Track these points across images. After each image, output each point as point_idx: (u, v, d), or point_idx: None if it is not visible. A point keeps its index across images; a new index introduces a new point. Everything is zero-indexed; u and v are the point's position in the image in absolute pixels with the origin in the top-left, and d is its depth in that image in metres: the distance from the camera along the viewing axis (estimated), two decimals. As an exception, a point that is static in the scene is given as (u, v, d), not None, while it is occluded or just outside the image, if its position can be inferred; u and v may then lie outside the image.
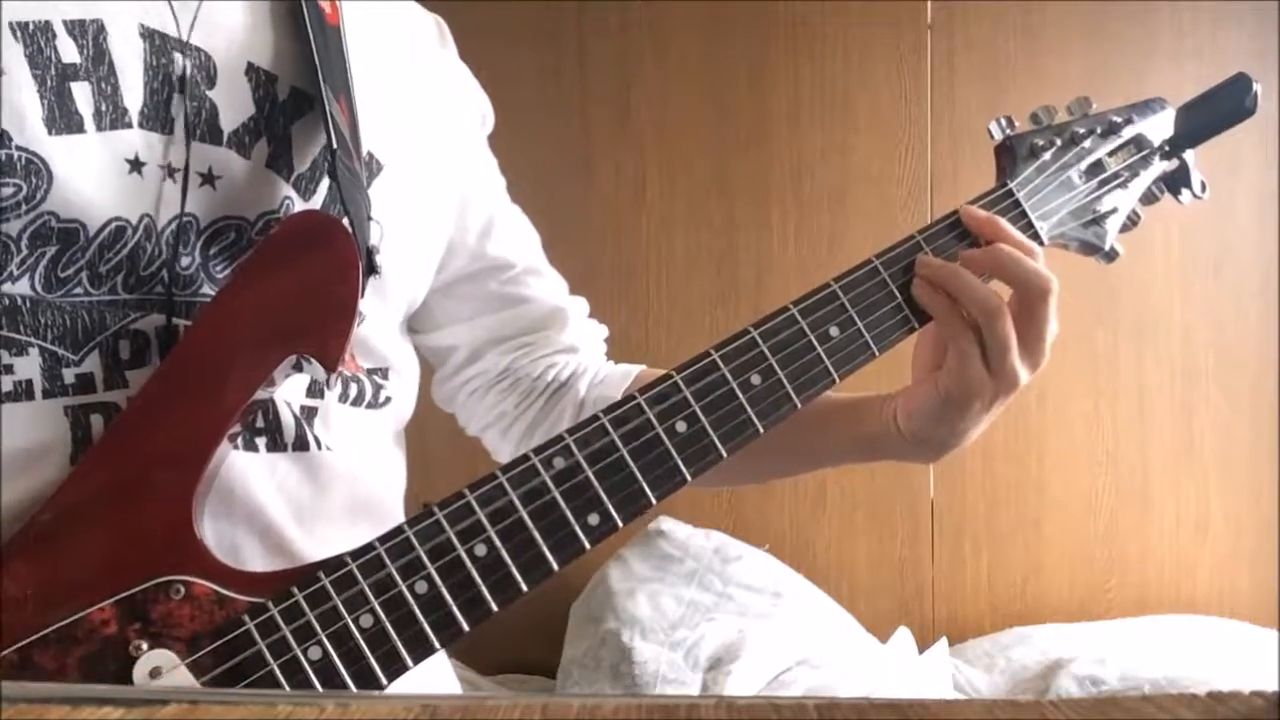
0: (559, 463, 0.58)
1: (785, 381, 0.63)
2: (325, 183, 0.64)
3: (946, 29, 2.00)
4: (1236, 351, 2.01)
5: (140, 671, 0.50)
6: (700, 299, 2.01)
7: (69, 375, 0.55)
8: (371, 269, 0.62)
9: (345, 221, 0.59)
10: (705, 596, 1.70)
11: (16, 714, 0.29)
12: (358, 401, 0.67)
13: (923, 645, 1.87)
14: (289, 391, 0.62)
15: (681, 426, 0.60)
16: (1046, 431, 2.01)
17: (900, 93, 2.01)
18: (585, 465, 0.58)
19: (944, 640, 1.89)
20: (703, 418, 0.60)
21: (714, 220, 2.01)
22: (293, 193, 0.62)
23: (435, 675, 0.69)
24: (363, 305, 0.59)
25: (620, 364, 0.87)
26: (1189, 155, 0.78)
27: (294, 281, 0.57)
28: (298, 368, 0.61)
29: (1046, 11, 1.99)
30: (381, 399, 0.69)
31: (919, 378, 0.69)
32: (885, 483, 1.98)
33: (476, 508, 0.56)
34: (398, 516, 0.70)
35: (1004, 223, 0.68)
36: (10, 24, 0.55)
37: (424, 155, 0.72)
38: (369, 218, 0.64)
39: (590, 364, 0.84)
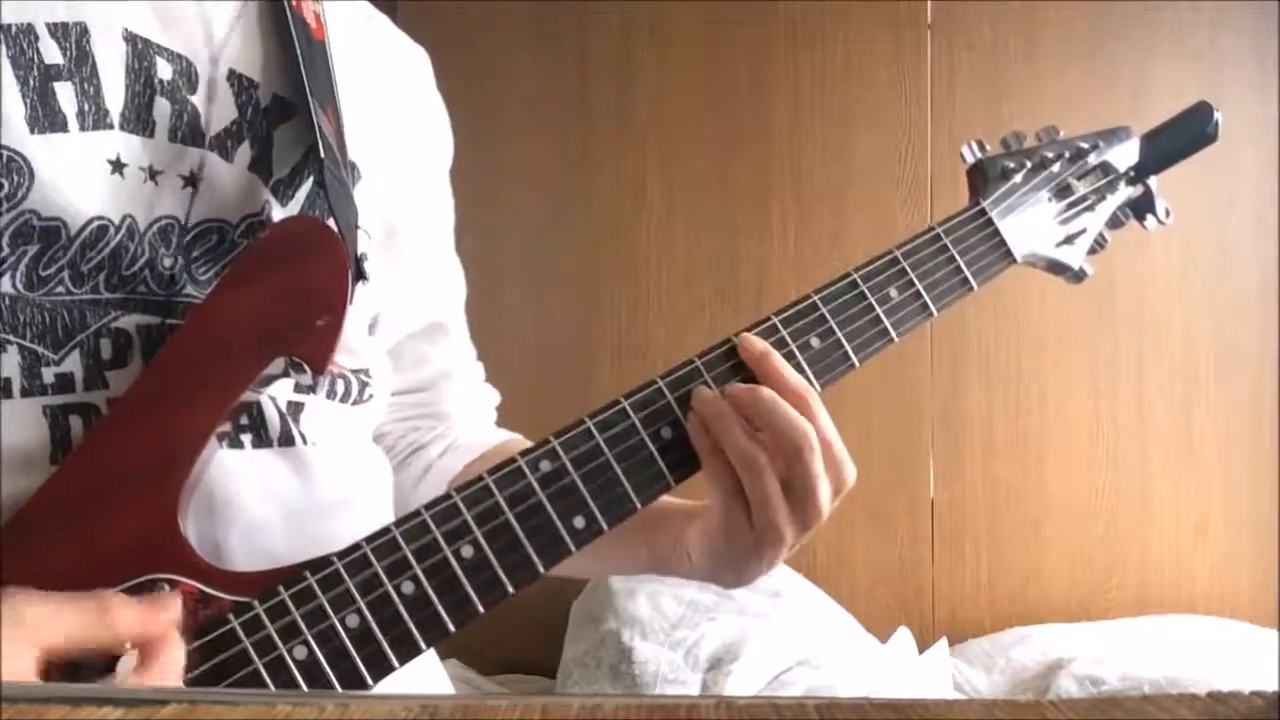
0: (545, 466, 0.58)
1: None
2: (305, 188, 0.64)
3: (946, 29, 2.00)
4: (1236, 351, 2.01)
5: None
6: (700, 299, 2.01)
7: (48, 374, 0.55)
8: (360, 275, 0.63)
9: (333, 226, 0.60)
10: (705, 596, 1.70)
11: (16, 714, 0.29)
12: (344, 398, 0.67)
13: (923, 645, 1.87)
14: (275, 388, 0.62)
15: (666, 433, 0.61)
16: (1046, 431, 2.01)
17: (900, 93, 2.01)
18: (571, 469, 0.58)
19: (944, 640, 1.89)
20: (686, 425, 0.61)
21: (714, 220, 2.01)
22: (271, 197, 0.62)
23: (427, 674, 0.69)
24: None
25: (498, 431, 0.85)
26: (1152, 181, 0.81)
27: (284, 285, 0.57)
28: (286, 373, 0.62)
29: (1046, 11, 1.99)
30: (365, 396, 0.69)
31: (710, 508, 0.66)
32: (885, 483, 1.98)
33: (463, 509, 0.56)
34: (386, 515, 0.70)
35: (777, 359, 0.63)
36: None
37: (398, 172, 0.73)
38: (356, 226, 0.64)
39: (457, 431, 0.83)
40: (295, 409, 0.63)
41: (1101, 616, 1.97)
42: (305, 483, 0.62)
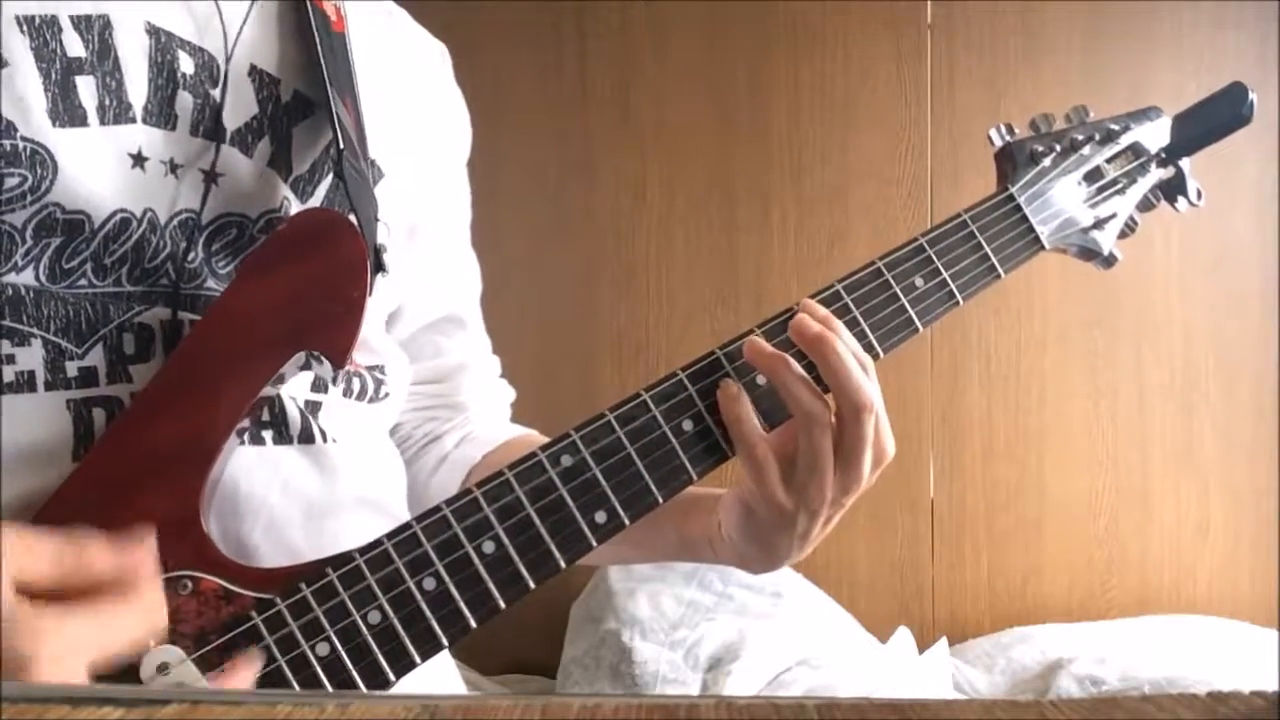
0: (566, 460, 0.58)
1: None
2: (324, 186, 0.64)
3: (946, 29, 2.00)
4: (1236, 351, 2.01)
5: (147, 666, 0.50)
6: (700, 299, 2.01)
7: (72, 368, 0.55)
8: (379, 268, 0.63)
9: (353, 219, 0.60)
10: (705, 596, 1.70)
11: (16, 714, 0.29)
12: (360, 396, 0.67)
13: (923, 645, 1.87)
14: (293, 387, 0.62)
15: (688, 425, 0.60)
16: (1046, 431, 2.01)
17: (900, 93, 2.01)
18: (592, 463, 0.58)
19: (944, 640, 1.89)
20: (708, 417, 0.61)
21: (714, 220, 2.01)
22: (290, 193, 0.63)
23: (439, 675, 0.69)
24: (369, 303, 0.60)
25: (513, 426, 0.85)
26: (1185, 163, 0.79)
27: (303, 279, 0.57)
28: (306, 365, 0.62)
29: (1046, 11, 1.99)
30: (381, 394, 0.70)
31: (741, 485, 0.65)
32: (885, 483, 1.97)
33: (484, 504, 0.56)
34: (402, 511, 0.70)
35: (840, 326, 0.62)
36: (16, 17, 0.55)
37: (418, 167, 0.73)
38: (376, 219, 0.64)
39: (473, 423, 0.83)
40: (313, 407, 0.63)
41: (1101, 616, 1.97)
42: (325, 480, 0.62)
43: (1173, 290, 2.01)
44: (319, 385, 0.64)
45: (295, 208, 0.63)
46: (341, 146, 0.61)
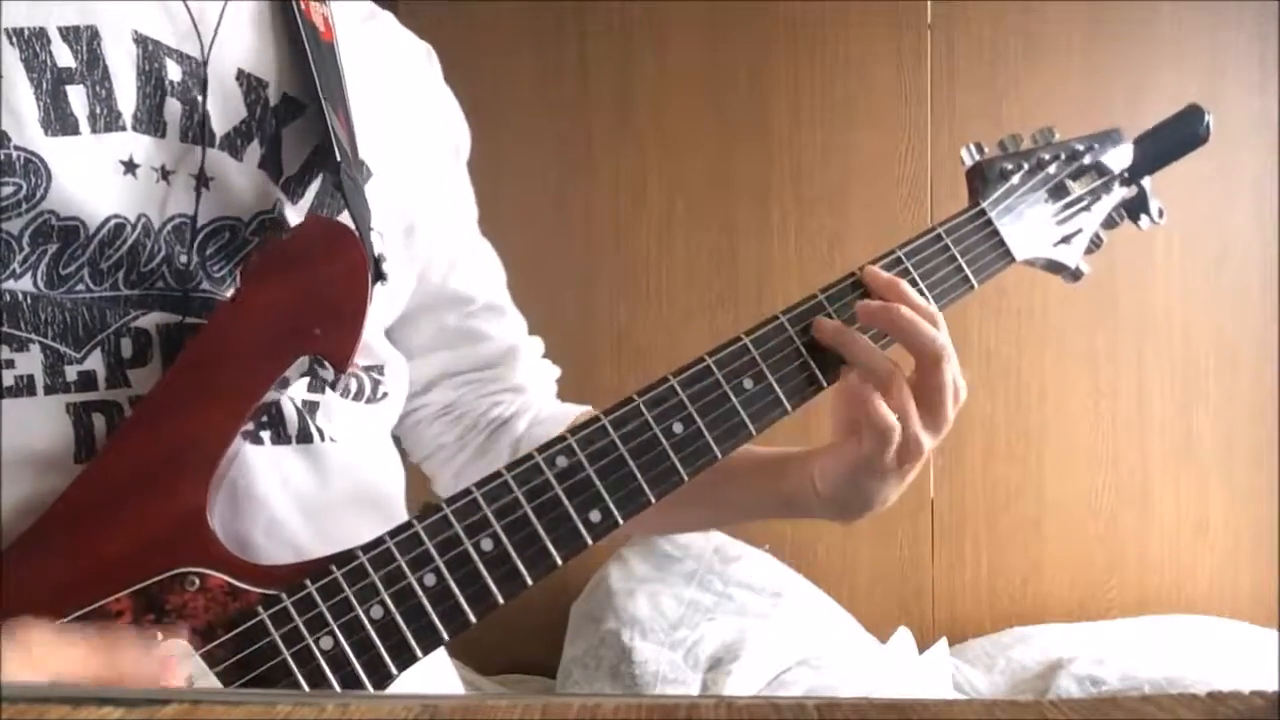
0: (561, 462, 0.60)
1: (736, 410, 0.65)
2: (315, 186, 0.65)
3: (946, 29, 2.00)
4: (1236, 351, 2.01)
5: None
6: (700, 299, 2.01)
7: (71, 372, 0.56)
8: (380, 276, 0.64)
9: (353, 227, 0.61)
10: (705, 596, 1.70)
11: (16, 714, 0.29)
12: (358, 397, 0.68)
13: (923, 645, 1.87)
14: (291, 387, 0.63)
15: (678, 428, 0.62)
16: (1046, 431, 2.01)
17: (900, 93, 2.01)
18: (586, 464, 0.60)
19: (944, 640, 1.89)
20: (698, 419, 0.63)
21: (714, 220, 2.01)
22: (282, 195, 0.63)
23: (438, 675, 0.70)
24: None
25: (570, 405, 0.87)
26: (1146, 182, 0.83)
27: (306, 285, 0.58)
28: (309, 371, 0.63)
29: (1046, 11, 1.99)
30: (380, 394, 0.71)
31: (835, 438, 0.70)
32: (885, 483, 1.98)
33: (483, 504, 0.58)
34: (400, 510, 0.71)
35: (905, 286, 0.67)
36: (5, 30, 0.56)
37: (410, 168, 0.74)
38: (370, 228, 0.65)
39: (535, 404, 0.85)
40: (311, 407, 0.64)
41: (1101, 616, 1.97)
42: (322, 479, 0.63)
43: (1173, 290, 2.01)
44: (316, 385, 0.64)
45: (287, 209, 0.63)
46: (339, 159, 0.62)
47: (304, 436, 0.63)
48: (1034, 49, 1.99)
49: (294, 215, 0.63)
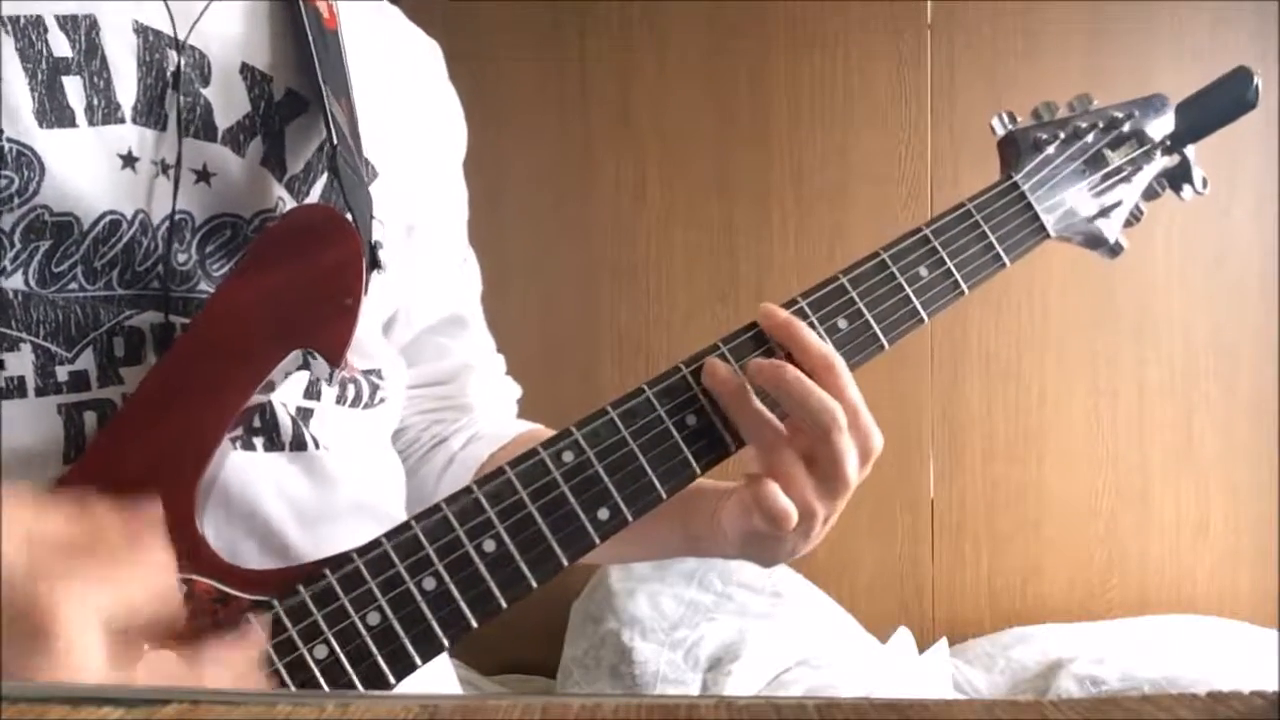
0: (568, 457, 0.57)
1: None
2: (319, 185, 0.63)
3: (946, 29, 2.00)
4: (1236, 351, 2.01)
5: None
6: (700, 299, 2.01)
7: (62, 372, 0.55)
8: (375, 264, 0.62)
9: (348, 216, 0.59)
10: (705, 596, 1.70)
11: (16, 713, 0.29)
12: (355, 403, 0.66)
13: (923, 645, 1.87)
14: (285, 394, 0.61)
15: (691, 420, 0.59)
16: (1046, 431, 2.01)
17: (900, 93, 2.01)
18: (595, 460, 0.57)
19: (944, 640, 1.89)
20: (711, 412, 0.60)
21: (714, 220, 2.01)
22: (285, 193, 0.62)
23: (436, 675, 0.69)
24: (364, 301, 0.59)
25: (519, 422, 0.84)
26: (1190, 151, 0.78)
27: (297, 275, 0.56)
28: (304, 366, 0.61)
29: (1046, 11, 1.99)
30: (377, 399, 0.69)
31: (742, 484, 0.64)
32: (885, 483, 1.98)
33: (485, 503, 0.55)
34: (398, 516, 0.69)
35: (801, 328, 0.61)
36: (2, 17, 0.55)
37: (414, 166, 0.72)
38: (371, 216, 0.64)
39: (480, 423, 0.82)
40: (305, 414, 0.62)
41: (1101, 616, 1.97)
42: (317, 487, 0.62)
43: (1173, 289, 2.01)
44: (312, 392, 0.63)
45: (290, 207, 0.62)
46: (335, 143, 0.60)
47: (298, 444, 0.61)
48: (1034, 49, 1.99)
49: None
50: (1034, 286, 1.98)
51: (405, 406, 0.78)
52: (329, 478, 0.62)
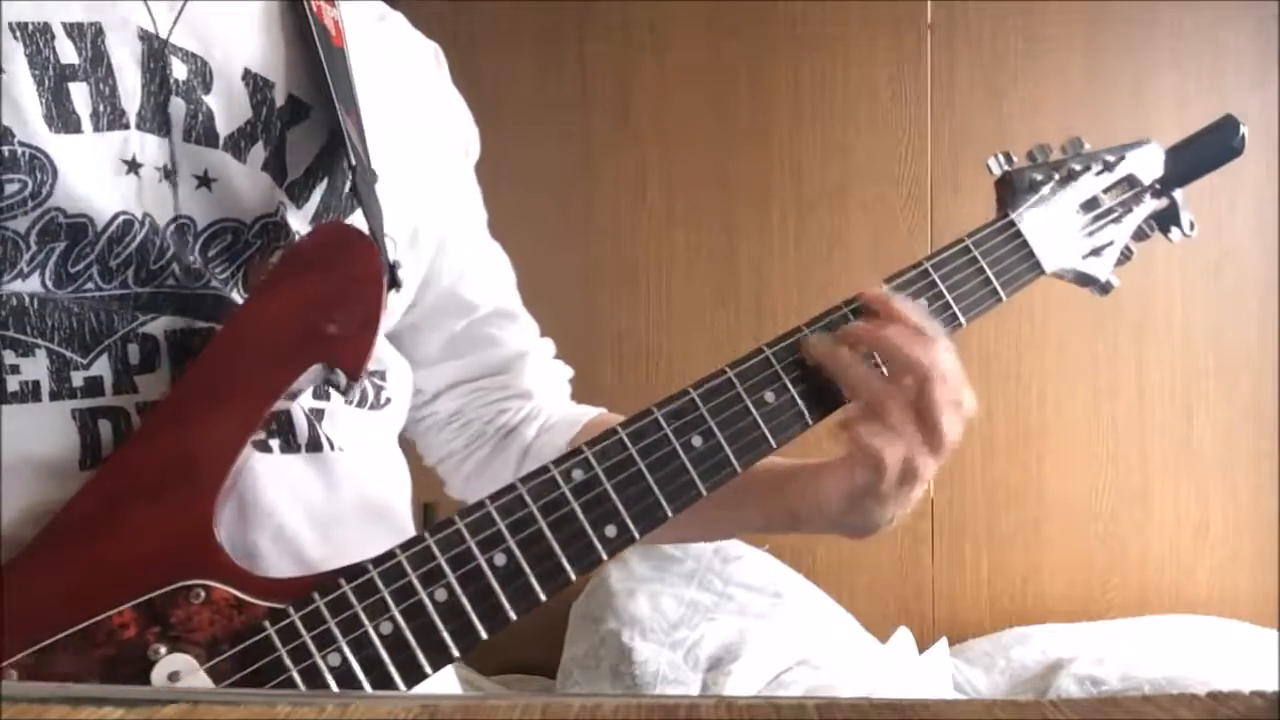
0: (578, 475, 0.59)
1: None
2: (320, 190, 0.64)
3: (946, 29, 2.00)
4: (1236, 351, 2.01)
5: (159, 675, 0.50)
6: (700, 299, 2.01)
7: (77, 378, 0.56)
8: (394, 283, 0.63)
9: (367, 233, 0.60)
10: (705, 596, 1.70)
11: (16, 714, 0.29)
12: (361, 403, 0.67)
13: (923, 645, 1.87)
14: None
15: (697, 441, 0.61)
16: (1046, 431, 2.01)
17: (900, 93, 2.01)
18: (604, 478, 0.59)
19: (944, 640, 1.89)
20: (718, 433, 0.62)
21: (714, 220, 2.01)
22: (286, 198, 0.63)
23: (436, 675, 0.69)
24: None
25: (580, 406, 0.86)
26: (1178, 194, 0.83)
27: (321, 292, 0.58)
28: (328, 380, 0.62)
29: (1046, 11, 1.99)
30: (383, 400, 0.70)
31: (839, 456, 0.68)
32: (885, 483, 1.98)
33: (497, 518, 0.57)
34: (407, 518, 0.70)
35: (896, 301, 0.66)
36: (10, 24, 0.55)
37: (417, 172, 0.73)
38: (386, 234, 0.64)
39: (545, 408, 0.84)
40: (318, 414, 0.63)
41: (1101, 616, 1.97)
42: (330, 488, 0.62)
43: (1173, 291, 2.01)
44: (321, 393, 0.64)
45: (291, 213, 0.63)
46: (354, 163, 0.61)
47: (313, 445, 0.62)
48: (1034, 49, 1.99)
49: (296, 219, 0.62)
50: (1034, 288, 1.97)
51: (466, 400, 0.81)
52: (342, 479, 0.63)
